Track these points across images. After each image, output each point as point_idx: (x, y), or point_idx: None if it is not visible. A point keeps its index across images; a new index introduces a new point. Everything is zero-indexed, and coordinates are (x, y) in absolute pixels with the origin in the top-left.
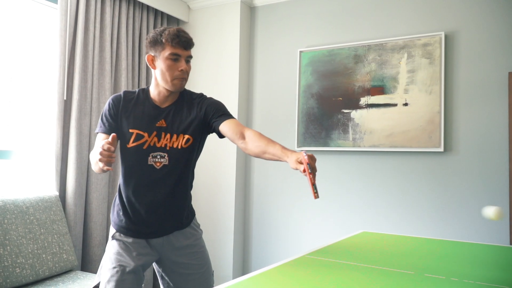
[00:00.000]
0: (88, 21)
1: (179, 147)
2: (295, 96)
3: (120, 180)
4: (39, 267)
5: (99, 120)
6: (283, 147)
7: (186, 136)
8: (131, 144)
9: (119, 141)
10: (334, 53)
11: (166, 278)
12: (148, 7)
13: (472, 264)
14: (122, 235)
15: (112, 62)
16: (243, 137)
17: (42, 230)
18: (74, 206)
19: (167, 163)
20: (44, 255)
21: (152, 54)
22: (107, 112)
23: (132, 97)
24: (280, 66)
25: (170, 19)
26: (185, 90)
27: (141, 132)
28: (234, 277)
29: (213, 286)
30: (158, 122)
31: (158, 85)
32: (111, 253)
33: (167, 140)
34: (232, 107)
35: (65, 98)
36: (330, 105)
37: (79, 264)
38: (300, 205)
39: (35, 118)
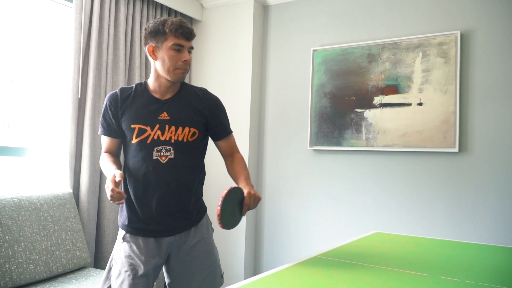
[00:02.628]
0: (102, 19)
1: (185, 140)
2: (308, 95)
3: (126, 178)
4: (52, 264)
5: (100, 122)
6: (246, 178)
7: (192, 130)
8: (135, 140)
9: (123, 138)
10: (347, 52)
11: (170, 279)
12: (162, 5)
13: (487, 267)
14: (132, 236)
15: (126, 60)
16: (231, 157)
17: (55, 227)
18: (88, 204)
19: (172, 156)
20: (57, 252)
21: (153, 45)
22: (105, 113)
23: (129, 93)
24: (293, 65)
25: (183, 17)
26: (184, 82)
27: (143, 126)
28: (245, 277)
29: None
30: (161, 115)
31: (158, 76)
32: (122, 256)
33: (171, 133)
34: (244, 106)
35: (79, 96)
36: (343, 104)
37: (92, 261)
38: (312, 205)
39: (50, 116)
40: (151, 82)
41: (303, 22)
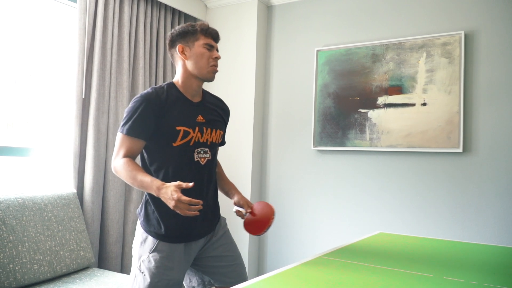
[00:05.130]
0: (106, 20)
1: (217, 141)
2: (312, 95)
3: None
4: (56, 264)
5: (131, 122)
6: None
7: (222, 132)
8: (178, 142)
9: (155, 141)
10: (351, 52)
11: (197, 275)
12: (165, 6)
13: (491, 267)
14: (164, 244)
15: (130, 60)
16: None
17: (60, 227)
18: (92, 204)
19: (210, 158)
20: (61, 252)
21: (183, 45)
22: (144, 113)
23: (165, 93)
24: (296, 65)
25: (187, 18)
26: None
27: (187, 129)
28: (249, 278)
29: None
30: (198, 118)
31: (189, 77)
32: (152, 267)
33: (208, 135)
34: (248, 106)
35: (83, 96)
36: (347, 104)
37: (96, 261)
38: (315, 205)
39: (54, 116)
40: (180, 84)
41: (307, 22)
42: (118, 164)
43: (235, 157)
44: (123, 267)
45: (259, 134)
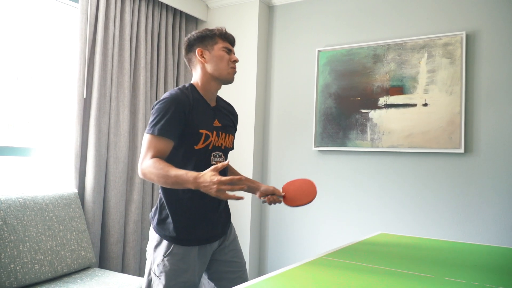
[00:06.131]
0: (108, 20)
1: (229, 146)
2: (313, 95)
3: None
4: (57, 264)
5: (164, 122)
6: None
7: (233, 137)
8: (200, 145)
9: (178, 143)
10: (352, 52)
11: (203, 278)
12: (167, 6)
13: (493, 268)
14: (180, 247)
15: (131, 61)
16: None
17: (61, 227)
18: (93, 204)
19: (224, 162)
20: (62, 252)
21: (202, 49)
22: (176, 114)
23: (191, 95)
24: (298, 65)
25: (189, 18)
26: None
27: (208, 132)
28: (250, 278)
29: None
30: (214, 122)
31: (209, 79)
32: (167, 270)
33: (222, 139)
34: (249, 107)
35: (84, 96)
36: (348, 105)
37: (97, 261)
38: (317, 206)
39: (55, 116)
40: (200, 86)
41: (308, 23)
42: (146, 165)
43: (236, 157)
44: (124, 267)
45: (260, 134)
